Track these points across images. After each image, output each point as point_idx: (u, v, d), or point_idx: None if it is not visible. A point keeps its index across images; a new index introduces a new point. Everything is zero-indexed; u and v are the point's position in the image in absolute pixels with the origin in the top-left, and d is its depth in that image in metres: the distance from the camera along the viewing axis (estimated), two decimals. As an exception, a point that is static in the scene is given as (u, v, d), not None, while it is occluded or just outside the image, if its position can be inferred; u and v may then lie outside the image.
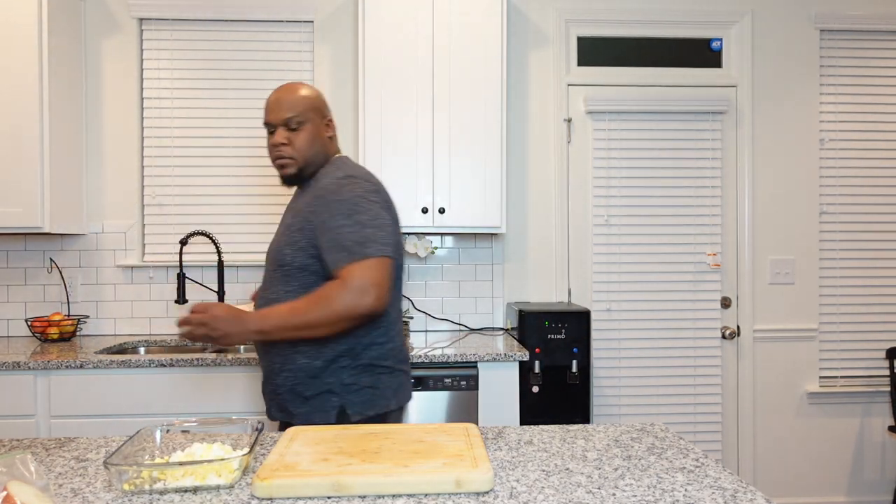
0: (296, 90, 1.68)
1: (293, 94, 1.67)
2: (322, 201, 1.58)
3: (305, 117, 1.66)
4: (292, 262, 1.60)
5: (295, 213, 1.64)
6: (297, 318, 1.48)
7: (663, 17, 3.09)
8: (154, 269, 2.95)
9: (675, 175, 3.08)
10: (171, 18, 2.96)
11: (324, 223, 1.55)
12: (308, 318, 1.48)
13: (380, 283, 1.49)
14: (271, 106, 1.66)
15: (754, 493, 1.01)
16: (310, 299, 1.49)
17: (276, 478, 1.01)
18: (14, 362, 2.28)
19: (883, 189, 3.18)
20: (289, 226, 1.63)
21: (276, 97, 1.67)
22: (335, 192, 1.58)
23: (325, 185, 1.61)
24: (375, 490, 1.01)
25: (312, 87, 1.72)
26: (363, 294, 1.48)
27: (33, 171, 2.56)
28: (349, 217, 1.54)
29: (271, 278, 1.65)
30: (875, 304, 3.18)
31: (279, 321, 1.48)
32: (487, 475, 1.03)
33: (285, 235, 1.63)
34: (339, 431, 1.26)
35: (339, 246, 1.52)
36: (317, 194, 1.61)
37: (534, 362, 2.62)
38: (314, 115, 1.68)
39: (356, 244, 1.51)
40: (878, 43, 3.18)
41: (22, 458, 0.92)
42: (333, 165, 1.68)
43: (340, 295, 1.47)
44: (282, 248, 1.62)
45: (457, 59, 2.70)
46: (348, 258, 1.50)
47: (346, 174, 1.62)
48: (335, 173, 1.63)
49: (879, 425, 3.18)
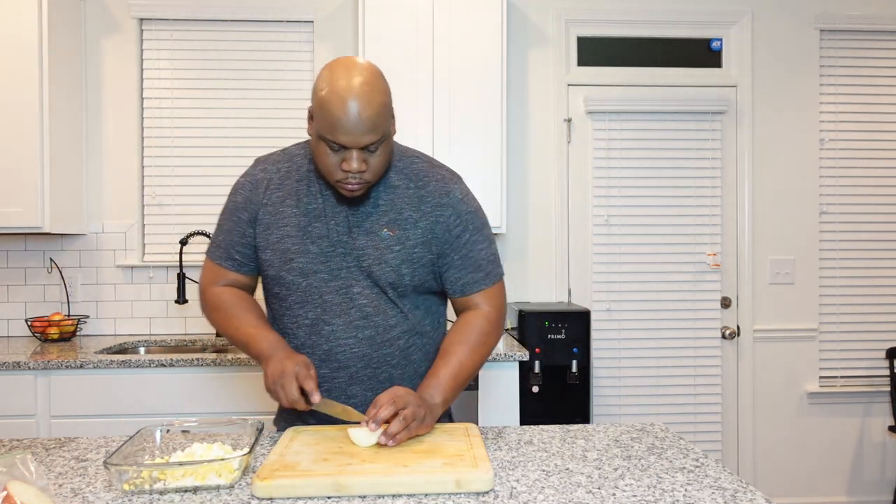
0: (373, 97, 1.22)
1: (372, 105, 1.21)
2: (451, 211, 1.37)
3: (386, 133, 1.26)
4: (411, 281, 1.36)
5: (389, 223, 1.35)
6: (468, 375, 1.35)
7: (663, 17, 3.09)
8: (154, 269, 2.95)
9: (675, 175, 3.08)
10: (171, 18, 2.96)
11: (458, 238, 1.37)
12: (475, 371, 1.37)
13: (506, 307, 1.44)
14: (348, 127, 1.20)
15: (754, 493, 1.01)
16: (469, 349, 1.35)
17: (276, 478, 1.01)
18: (14, 362, 2.28)
19: (883, 189, 3.18)
20: (398, 240, 1.34)
21: (358, 116, 1.20)
22: (464, 202, 1.39)
23: (445, 191, 1.38)
24: (375, 490, 1.01)
25: (381, 76, 1.27)
26: (504, 322, 1.42)
27: (33, 171, 2.56)
28: (481, 232, 1.40)
29: (377, 301, 1.36)
30: (875, 304, 3.18)
31: (455, 389, 1.33)
32: (487, 475, 1.02)
33: (395, 251, 1.34)
34: (339, 431, 1.26)
35: (476, 266, 1.38)
36: (437, 201, 1.36)
37: (534, 362, 2.62)
38: (391, 122, 1.29)
39: (490, 264, 1.40)
40: (878, 43, 3.18)
41: (22, 458, 0.92)
42: (406, 158, 1.41)
43: (494, 334, 1.39)
44: (397, 266, 1.34)
45: (457, 59, 2.70)
46: (485, 281, 1.39)
47: (451, 174, 1.42)
48: (433, 171, 1.40)
49: (879, 425, 3.18)
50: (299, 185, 1.38)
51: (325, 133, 1.23)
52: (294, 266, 1.35)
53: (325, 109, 1.21)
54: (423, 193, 1.37)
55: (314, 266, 1.35)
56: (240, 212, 1.39)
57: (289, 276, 1.36)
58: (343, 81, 1.21)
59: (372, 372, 1.38)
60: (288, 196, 1.38)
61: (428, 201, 1.36)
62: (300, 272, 1.35)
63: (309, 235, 1.35)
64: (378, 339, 1.36)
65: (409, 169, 1.39)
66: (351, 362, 1.37)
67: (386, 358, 1.38)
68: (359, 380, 1.38)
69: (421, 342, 1.42)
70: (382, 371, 1.38)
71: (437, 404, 1.27)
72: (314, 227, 1.35)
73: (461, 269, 1.38)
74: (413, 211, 1.36)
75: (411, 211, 1.36)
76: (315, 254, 1.35)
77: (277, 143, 3.00)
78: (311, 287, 1.36)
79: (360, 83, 1.22)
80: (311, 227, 1.35)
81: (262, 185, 1.39)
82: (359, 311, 1.35)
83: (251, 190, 1.39)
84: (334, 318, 1.35)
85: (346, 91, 1.20)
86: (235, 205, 1.40)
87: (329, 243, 1.35)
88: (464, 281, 1.38)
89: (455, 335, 1.37)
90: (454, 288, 1.39)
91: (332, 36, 3.00)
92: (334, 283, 1.35)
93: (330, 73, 1.24)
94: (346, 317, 1.35)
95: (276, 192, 1.38)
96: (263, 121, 3.00)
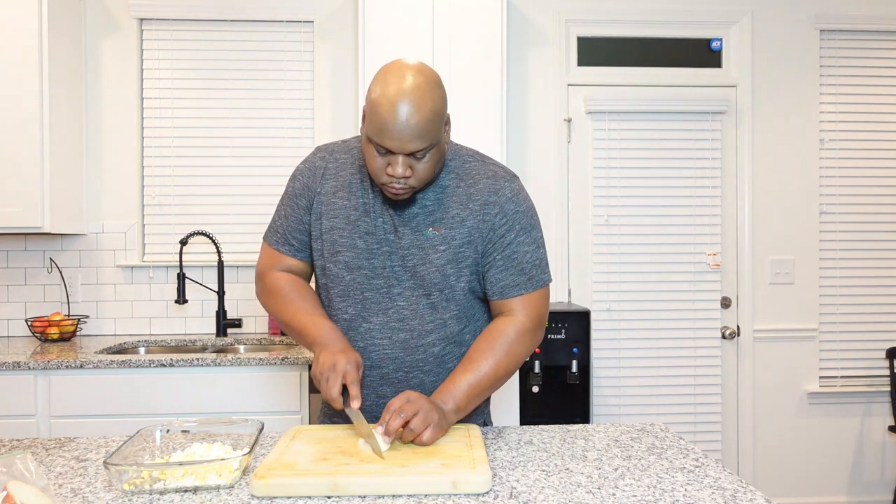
0: (427, 104, 1.19)
1: (422, 112, 1.18)
2: (498, 209, 1.32)
3: (435, 140, 1.22)
4: (457, 282, 1.33)
5: (436, 222, 1.32)
6: (488, 385, 1.30)
7: (663, 17, 3.09)
8: (154, 269, 2.95)
9: (675, 175, 3.08)
10: (171, 18, 2.96)
11: (502, 237, 1.32)
12: (497, 381, 1.32)
13: (546, 315, 1.37)
14: (394, 132, 1.17)
15: (754, 493, 1.01)
16: (493, 360, 1.29)
17: (274, 476, 1.01)
18: (14, 362, 2.28)
19: (883, 189, 3.18)
20: (444, 238, 1.31)
21: (406, 122, 1.17)
22: (513, 200, 1.33)
23: (494, 189, 1.33)
24: (371, 490, 1.00)
25: (436, 82, 1.23)
26: (541, 331, 1.36)
27: (33, 171, 2.56)
28: (529, 234, 1.34)
29: (416, 305, 1.34)
30: (875, 304, 3.18)
31: (472, 398, 1.28)
32: (484, 477, 1.02)
33: (440, 251, 1.31)
34: (339, 431, 1.26)
35: (518, 268, 1.33)
36: (486, 199, 1.32)
37: (534, 362, 2.62)
38: (442, 129, 1.25)
39: (535, 268, 1.34)
40: (878, 43, 3.18)
41: (22, 458, 0.92)
42: (460, 157, 1.38)
43: (524, 344, 1.33)
44: (442, 266, 1.31)
45: (457, 59, 2.70)
46: (528, 285, 1.33)
47: (506, 172, 1.37)
48: (486, 169, 1.36)
49: (879, 425, 3.18)
50: (353, 177, 1.37)
51: (372, 136, 1.20)
52: (340, 259, 1.35)
53: (374, 112, 1.19)
54: (473, 192, 1.33)
55: (359, 262, 1.34)
56: (298, 198, 1.40)
57: (334, 269, 1.36)
58: (394, 85, 1.18)
59: (403, 375, 1.36)
60: (341, 187, 1.37)
61: (476, 199, 1.32)
62: (346, 266, 1.34)
63: (357, 230, 1.34)
64: (412, 344, 1.34)
65: (462, 168, 1.36)
66: (383, 363, 1.36)
67: (418, 363, 1.36)
68: (390, 381, 1.37)
69: (458, 351, 1.38)
70: (414, 376, 1.36)
71: (449, 411, 1.23)
72: (363, 222, 1.34)
73: (503, 269, 1.33)
74: (461, 209, 1.32)
75: (458, 209, 1.32)
76: (361, 249, 1.34)
77: (277, 143, 3.01)
78: (354, 282, 1.34)
79: (411, 88, 1.18)
80: (360, 222, 1.34)
81: (319, 173, 1.39)
82: (397, 312, 1.34)
83: (310, 177, 1.39)
84: (372, 317, 1.35)
85: (395, 95, 1.17)
86: (294, 190, 1.40)
87: (375, 240, 1.33)
88: (504, 283, 1.33)
89: (482, 342, 1.32)
90: (493, 290, 1.35)
91: (332, 36, 3.00)
92: (376, 280, 1.34)
93: (384, 74, 1.21)
94: (384, 317, 1.34)
95: (330, 182, 1.38)
96: (263, 121, 3.00)
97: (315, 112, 3.00)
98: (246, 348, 2.75)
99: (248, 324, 2.97)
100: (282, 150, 3.00)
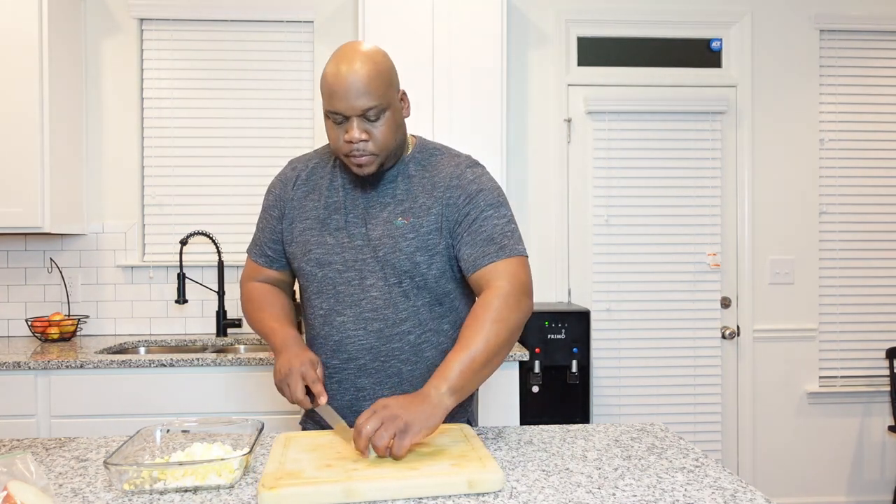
0: (368, 64, 1.25)
1: (367, 71, 1.24)
2: (461, 192, 1.35)
3: (386, 102, 1.27)
4: (428, 270, 1.34)
5: (405, 212, 1.35)
6: (484, 361, 1.21)
7: (663, 17, 3.09)
8: (154, 269, 2.96)
9: (674, 175, 3.08)
10: (171, 18, 2.96)
11: (468, 215, 1.33)
12: (494, 354, 1.23)
13: (531, 285, 1.33)
14: (340, 91, 1.24)
15: (754, 492, 1.01)
16: (484, 333, 1.21)
17: (284, 486, 0.98)
18: (14, 362, 2.28)
19: (883, 189, 3.18)
20: (412, 227, 1.34)
21: (347, 79, 1.23)
22: (475, 182, 1.36)
23: (456, 174, 1.37)
24: (385, 495, 0.99)
25: (378, 48, 1.31)
26: (527, 297, 1.30)
27: (33, 171, 2.56)
28: (496, 209, 1.34)
29: (389, 294, 1.35)
30: (875, 304, 3.18)
31: (468, 377, 1.19)
32: (498, 475, 1.02)
33: (409, 239, 1.34)
34: (332, 437, 1.24)
35: (487, 239, 1.31)
36: (448, 184, 1.36)
37: (534, 362, 2.62)
38: (393, 94, 1.30)
39: (506, 237, 1.32)
40: (878, 43, 3.18)
41: (22, 458, 0.92)
42: (427, 150, 1.43)
43: (513, 309, 1.25)
44: (412, 253, 1.33)
45: (457, 59, 2.70)
46: (500, 253, 1.30)
47: (469, 160, 1.42)
48: (450, 159, 1.41)
49: (879, 425, 3.18)
50: (323, 179, 1.43)
51: (326, 106, 1.27)
52: (311, 257, 1.39)
53: (324, 81, 1.27)
54: (437, 180, 1.37)
55: (330, 257, 1.37)
56: (271, 209, 1.47)
57: (307, 268, 1.40)
58: (340, 54, 1.27)
59: (380, 365, 1.37)
60: (312, 190, 1.43)
61: (439, 186, 1.36)
62: (317, 263, 1.38)
63: (327, 227, 1.38)
64: (387, 333, 1.36)
65: (428, 160, 1.41)
66: (359, 354, 1.37)
67: (394, 352, 1.37)
68: (367, 372, 1.38)
69: (436, 340, 1.39)
70: (391, 365, 1.37)
71: (442, 394, 1.16)
72: (333, 219, 1.39)
73: (471, 244, 1.32)
74: (426, 198, 1.36)
75: (425, 198, 1.36)
76: (331, 245, 1.37)
77: (277, 144, 3.01)
78: (325, 278, 1.38)
79: (353, 51, 1.27)
80: (330, 219, 1.39)
81: (290, 184, 1.45)
82: (370, 303, 1.35)
83: (281, 188, 1.46)
84: (346, 310, 1.36)
85: (340, 59, 1.26)
86: (268, 203, 1.48)
87: (346, 235, 1.37)
88: (475, 255, 1.31)
89: (469, 319, 1.26)
90: (466, 265, 1.32)
91: (332, 36, 3.00)
92: (348, 273, 1.36)
93: (334, 53, 1.30)
94: (357, 308, 1.36)
95: (301, 188, 1.44)
96: (263, 121, 3.00)
97: (315, 112, 3.01)
98: (246, 348, 2.75)
99: (247, 324, 2.97)
100: (282, 150, 3.00)
